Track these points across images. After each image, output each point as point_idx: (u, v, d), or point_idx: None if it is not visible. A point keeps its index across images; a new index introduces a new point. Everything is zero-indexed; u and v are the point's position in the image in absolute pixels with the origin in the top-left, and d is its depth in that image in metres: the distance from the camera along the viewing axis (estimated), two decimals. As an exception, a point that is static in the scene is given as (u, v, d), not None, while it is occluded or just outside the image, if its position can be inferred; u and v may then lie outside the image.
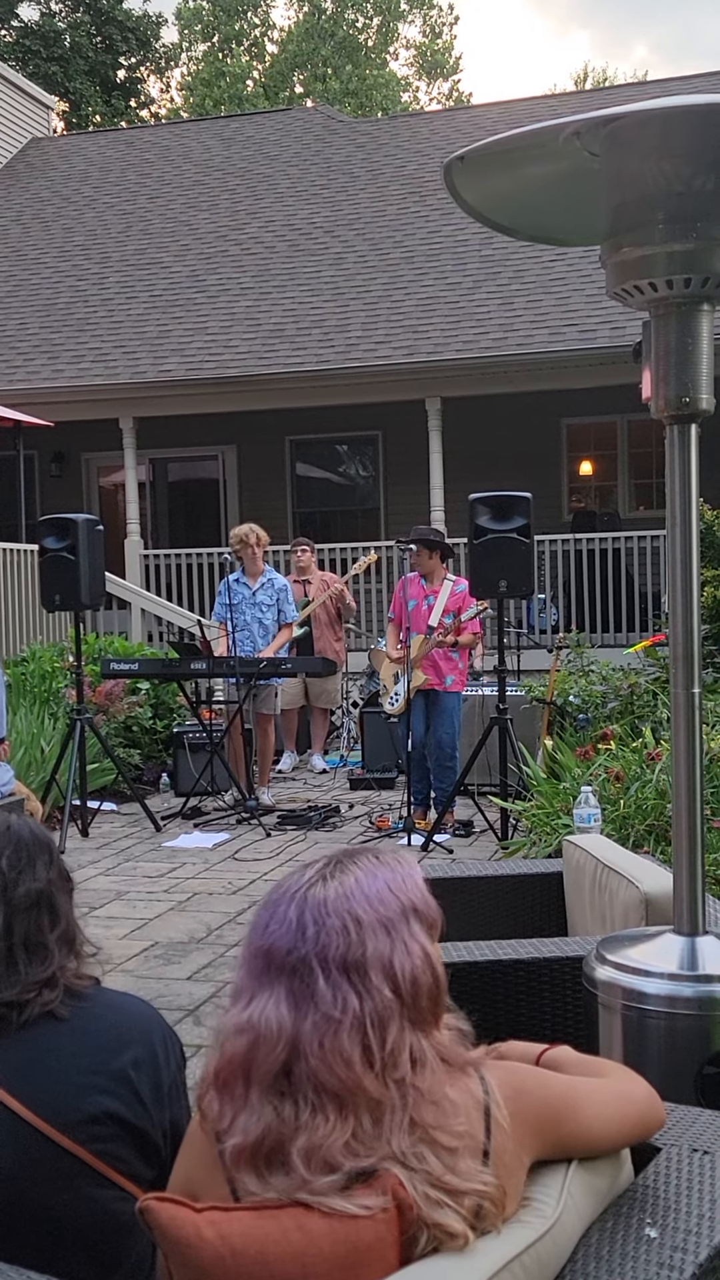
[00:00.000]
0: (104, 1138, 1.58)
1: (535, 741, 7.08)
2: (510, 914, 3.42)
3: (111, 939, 5.07)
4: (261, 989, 1.34)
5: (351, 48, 32.10)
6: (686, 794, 2.34)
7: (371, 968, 1.33)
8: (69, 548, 7.20)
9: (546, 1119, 1.42)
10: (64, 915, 1.71)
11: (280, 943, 1.34)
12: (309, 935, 1.33)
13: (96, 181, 16.31)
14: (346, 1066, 1.29)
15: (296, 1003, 1.31)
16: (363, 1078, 1.29)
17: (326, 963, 1.32)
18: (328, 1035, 1.30)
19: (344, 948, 1.33)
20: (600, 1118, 1.47)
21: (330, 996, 1.31)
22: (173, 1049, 1.72)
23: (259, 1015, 1.32)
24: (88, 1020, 1.65)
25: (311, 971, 1.32)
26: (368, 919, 1.35)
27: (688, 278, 2.23)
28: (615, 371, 10.15)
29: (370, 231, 13.46)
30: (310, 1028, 1.30)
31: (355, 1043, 1.30)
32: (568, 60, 61.07)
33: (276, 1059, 1.30)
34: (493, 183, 2.44)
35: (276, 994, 1.33)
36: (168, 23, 30.93)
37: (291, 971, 1.33)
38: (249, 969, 1.37)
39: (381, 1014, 1.32)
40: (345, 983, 1.32)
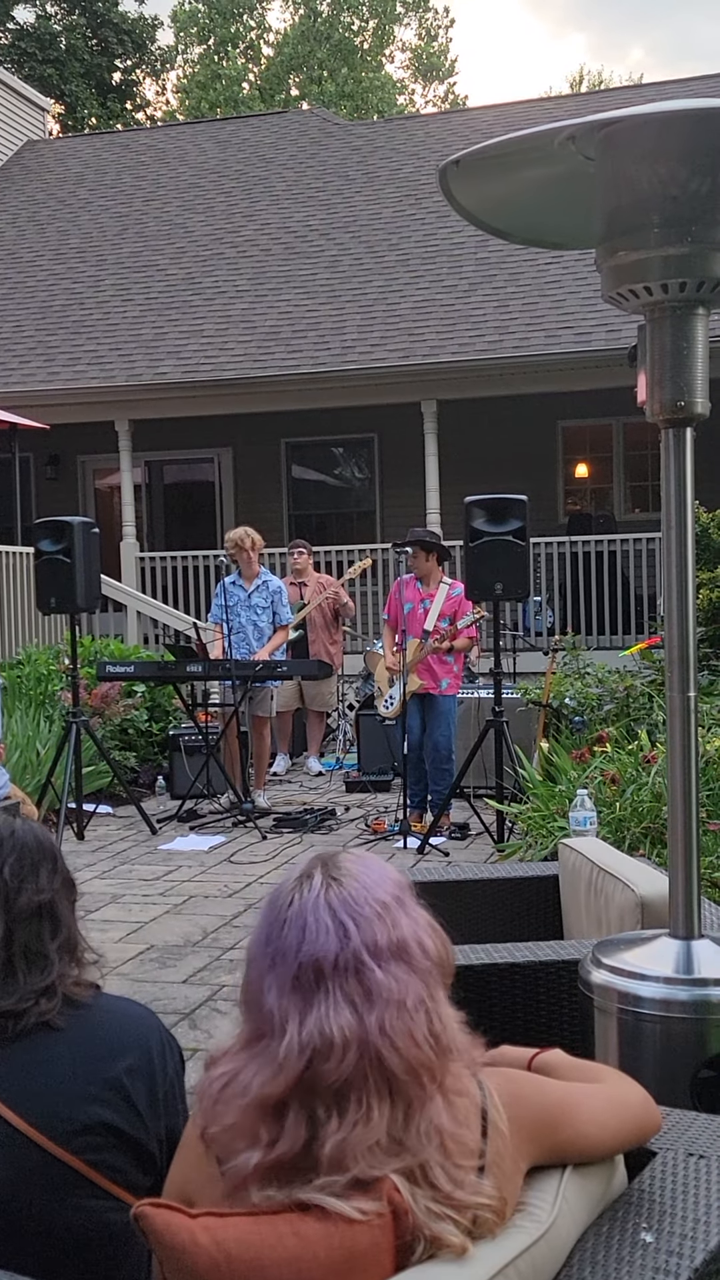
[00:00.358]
0: (99, 1147, 1.57)
1: (531, 744, 7.08)
2: (506, 917, 3.42)
3: (107, 942, 5.06)
4: (311, 1005, 1.31)
5: (347, 50, 32.13)
6: (682, 797, 2.34)
7: (410, 943, 1.36)
8: (64, 550, 7.19)
9: (543, 1125, 1.42)
10: (65, 924, 1.69)
11: (327, 949, 1.33)
12: (352, 932, 1.34)
13: (92, 184, 16.31)
14: (416, 1046, 1.31)
15: (356, 1003, 1.31)
16: (428, 1052, 1.32)
17: (377, 952, 1.34)
18: (396, 1021, 1.31)
19: (386, 933, 1.35)
20: (596, 1123, 1.47)
21: (390, 984, 1.33)
22: (170, 1055, 1.71)
23: (323, 1028, 1.30)
24: (83, 1029, 1.63)
25: (365, 966, 1.33)
26: (390, 900, 1.38)
27: (683, 281, 2.23)
28: (611, 374, 10.16)
29: (366, 234, 13.47)
30: (375, 1021, 1.31)
31: (421, 1021, 1.33)
32: (564, 63, 61.24)
33: (346, 1067, 1.29)
34: (488, 187, 2.44)
35: (332, 1002, 1.31)
36: (163, 25, 30.90)
37: (344, 973, 1.32)
38: (293, 988, 1.33)
39: (430, 985, 1.36)
40: (395, 965, 1.34)
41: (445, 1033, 1.35)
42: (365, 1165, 1.27)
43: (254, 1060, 1.33)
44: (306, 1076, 1.29)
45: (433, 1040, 1.33)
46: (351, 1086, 1.29)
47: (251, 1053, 1.33)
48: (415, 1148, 1.30)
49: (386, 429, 12.77)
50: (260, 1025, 1.34)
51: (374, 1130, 1.28)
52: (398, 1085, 1.30)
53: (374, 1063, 1.29)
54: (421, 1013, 1.33)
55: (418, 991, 1.34)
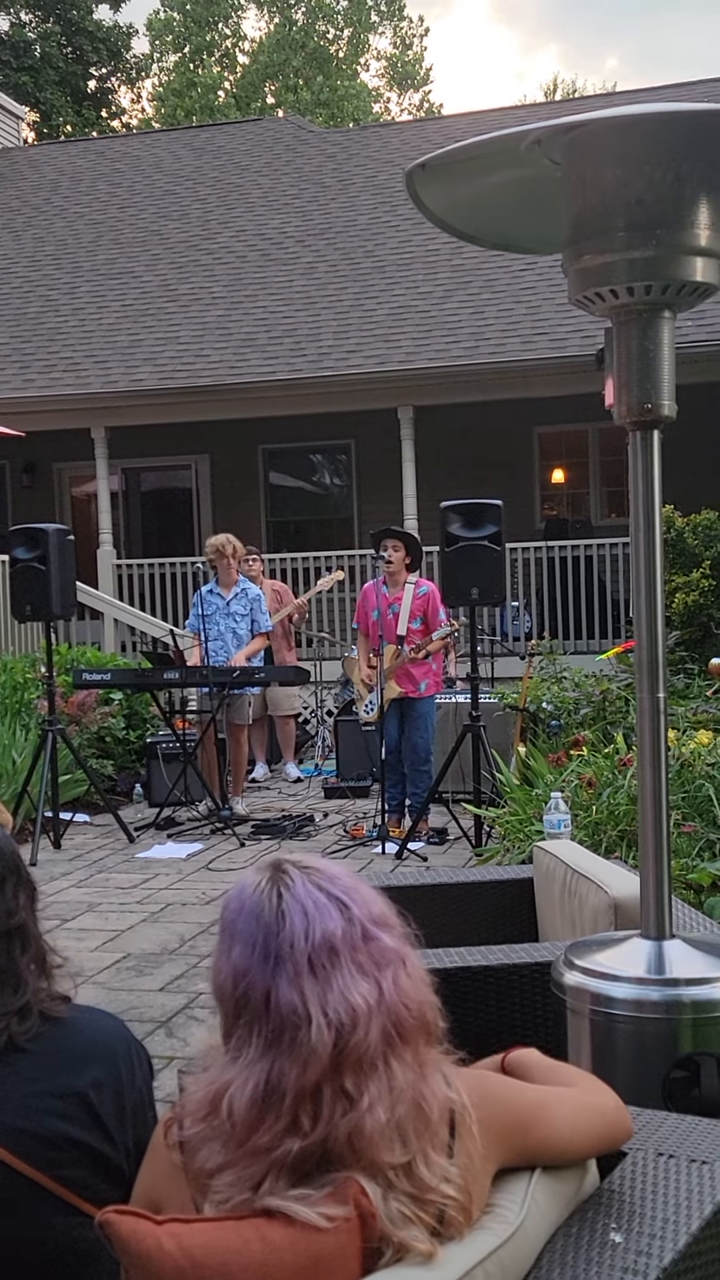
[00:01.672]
0: (65, 1163, 1.55)
1: (509, 748, 7.09)
2: (482, 920, 3.42)
3: (83, 951, 5.04)
4: (330, 983, 1.33)
5: (322, 59, 32.19)
6: (652, 798, 2.35)
7: (389, 915, 1.42)
8: (39, 558, 7.17)
9: (513, 1127, 1.42)
10: (34, 937, 1.66)
11: (334, 926, 1.36)
12: (351, 905, 1.38)
13: (67, 191, 16.28)
14: (421, 1000, 1.37)
15: (368, 970, 1.35)
16: (429, 1009, 1.38)
17: (374, 919, 1.38)
18: (405, 979, 1.37)
19: (374, 904, 1.41)
20: (568, 1127, 1.47)
21: (392, 946, 1.38)
22: (139, 1065, 1.69)
23: (349, 1001, 1.31)
24: (49, 1043, 1.61)
25: (369, 934, 1.37)
26: (360, 880, 1.44)
27: (648, 284, 2.24)
28: (586, 380, 10.15)
29: (341, 241, 13.49)
30: (390, 981, 1.35)
31: (418, 977, 1.39)
32: (538, 72, 61.57)
33: (373, 1035, 1.31)
34: (456, 190, 2.45)
35: (348, 974, 1.33)
36: (139, 33, 30.91)
37: (353, 945, 1.35)
38: (309, 974, 1.33)
39: (414, 956, 1.42)
40: (387, 931, 1.39)
41: (434, 1002, 1.41)
42: (387, 1148, 1.29)
43: (283, 1060, 1.31)
44: (336, 1055, 1.30)
45: (430, 999, 1.39)
46: (373, 1052, 1.32)
47: (276, 1053, 1.32)
48: (417, 1130, 1.32)
49: (363, 435, 12.78)
50: (278, 1025, 1.32)
51: (399, 1095, 1.31)
52: (410, 1040, 1.35)
53: (393, 1021, 1.34)
54: (418, 970, 1.40)
55: (408, 952, 1.40)
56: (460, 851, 6.68)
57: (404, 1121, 1.31)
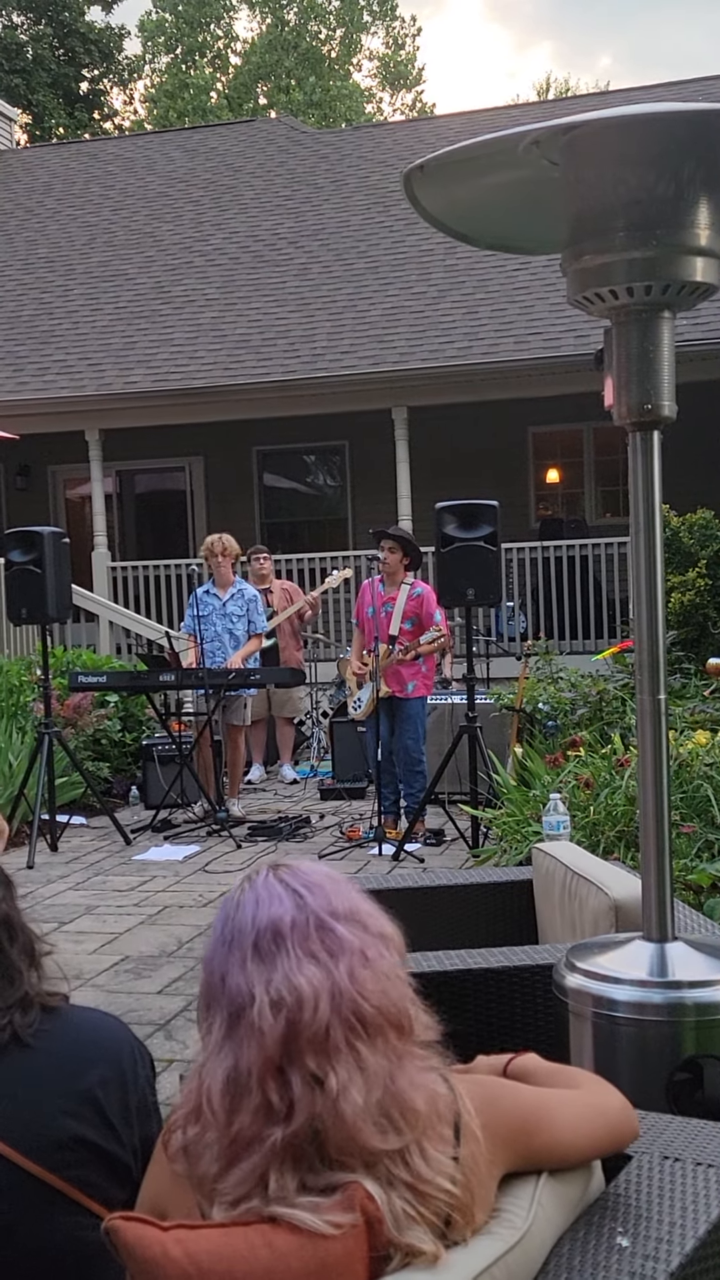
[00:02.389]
0: (74, 1163, 1.54)
1: (505, 749, 7.08)
2: (481, 923, 3.42)
3: (81, 954, 5.03)
4: (275, 966, 1.33)
5: (315, 59, 32.19)
6: (653, 799, 2.34)
7: (362, 912, 1.39)
8: (34, 560, 7.16)
9: (518, 1131, 1.41)
10: (19, 927, 1.65)
11: (283, 913, 1.35)
12: (307, 898, 1.37)
13: (60, 194, 16.26)
14: (383, 994, 1.33)
15: (319, 957, 1.33)
16: (397, 1004, 1.34)
17: (336, 915, 1.36)
18: (362, 970, 1.33)
19: (340, 900, 1.38)
20: (572, 1129, 1.47)
21: (351, 939, 1.35)
22: (142, 1065, 1.68)
23: (291, 982, 1.31)
24: (53, 1041, 1.60)
25: (324, 924, 1.35)
26: (339, 877, 1.42)
27: (648, 285, 2.24)
28: (580, 379, 10.20)
29: (335, 242, 13.49)
30: (344, 970, 1.32)
31: (381, 972, 1.35)
32: (532, 71, 61.57)
33: (322, 1017, 1.30)
34: (453, 192, 2.44)
35: (294, 959, 1.33)
36: (131, 35, 30.89)
37: (304, 932, 1.34)
38: (254, 958, 1.34)
39: (384, 952, 1.38)
40: (354, 926, 1.37)
41: (407, 999, 1.37)
42: (374, 1134, 1.27)
43: (243, 1044, 1.31)
44: (288, 1035, 1.29)
45: (397, 997, 1.35)
46: (334, 1035, 1.30)
47: (236, 1039, 1.32)
48: (404, 1120, 1.30)
49: (357, 436, 12.78)
50: (234, 1008, 1.33)
51: (374, 1079, 1.29)
52: (376, 1031, 1.32)
53: (351, 1010, 1.31)
54: (383, 966, 1.35)
55: (376, 948, 1.36)
56: (457, 853, 6.68)
57: (386, 1108, 1.29)
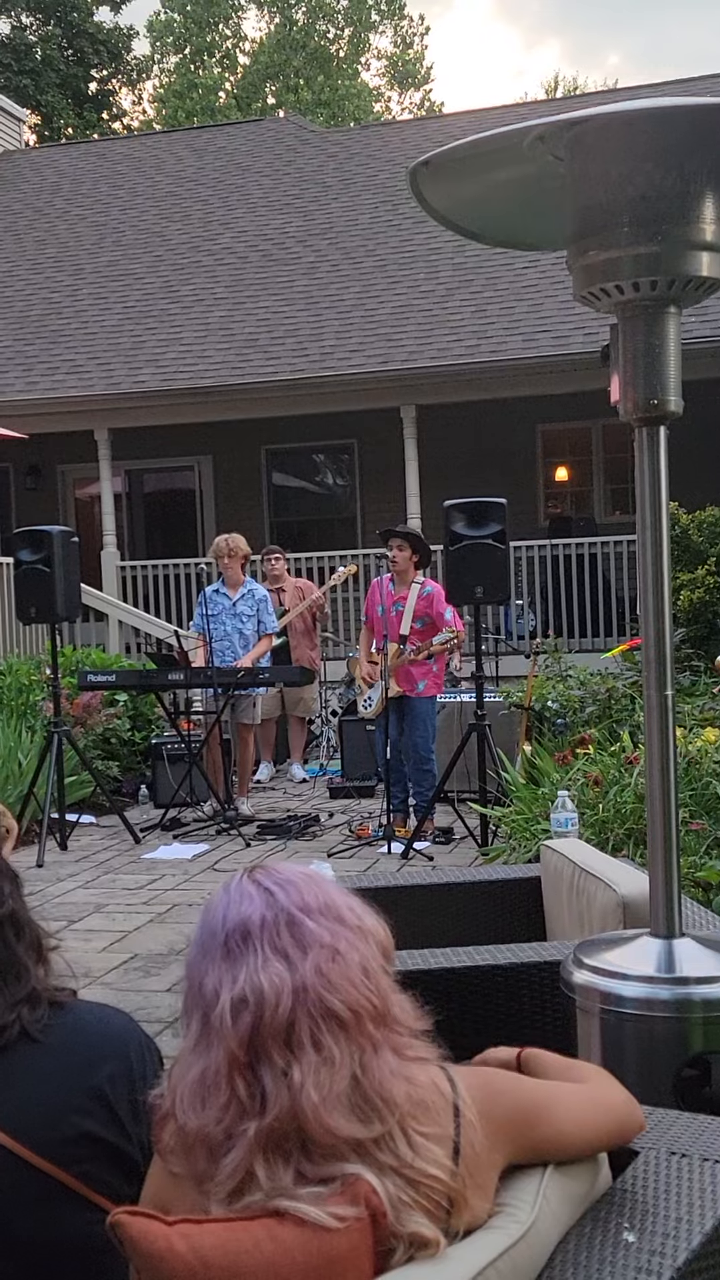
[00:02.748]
0: (84, 1159, 1.54)
1: (514, 747, 7.07)
2: (489, 920, 3.41)
3: (90, 952, 5.04)
4: (240, 965, 1.33)
5: (323, 58, 32.19)
6: (661, 796, 2.34)
7: (340, 907, 1.39)
8: (44, 560, 7.17)
9: (519, 1121, 1.41)
10: (26, 923, 1.65)
11: (252, 911, 1.36)
12: (278, 895, 1.37)
13: (69, 194, 16.29)
14: (353, 987, 1.33)
15: (288, 953, 1.33)
16: (370, 996, 1.33)
17: (305, 908, 1.36)
18: (330, 965, 1.33)
19: (314, 895, 1.38)
20: (575, 1121, 1.47)
21: (322, 933, 1.35)
22: (150, 1062, 1.68)
23: (253, 982, 1.31)
24: (62, 1037, 1.60)
25: (294, 919, 1.35)
26: (315, 874, 1.43)
27: (654, 280, 2.23)
28: (589, 377, 10.16)
29: (343, 241, 13.49)
30: (311, 965, 1.32)
31: (355, 964, 1.34)
32: (540, 69, 61.48)
33: (283, 1012, 1.30)
34: (459, 188, 2.44)
35: (260, 959, 1.33)
36: (139, 35, 30.94)
37: (273, 929, 1.35)
38: (223, 958, 1.35)
39: (365, 943, 1.38)
40: (327, 920, 1.37)
41: (385, 994, 1.37)
42: (346, 1124, 1.27)
43: (211, 1046, 1.33)
44: (253, 1034, 1.30)
45: (372, 988, 1.35)
46: (299, 1029, 1.30)
47: (207, 1041, 1.33)
48: (381, 1108, 1.30)
49: (366, 435, 12.78)
50: (204, 1010, 1.35)
51: (340, 1071, 1.29)
52: (345, 1023, 1.31)
53: (316, 1005, 1.31)
54: (356, 958, 1.35)
55: (351, 941, 1.36)
56: (466, 851, 6.67)
57: (364, 1096, 1.29)
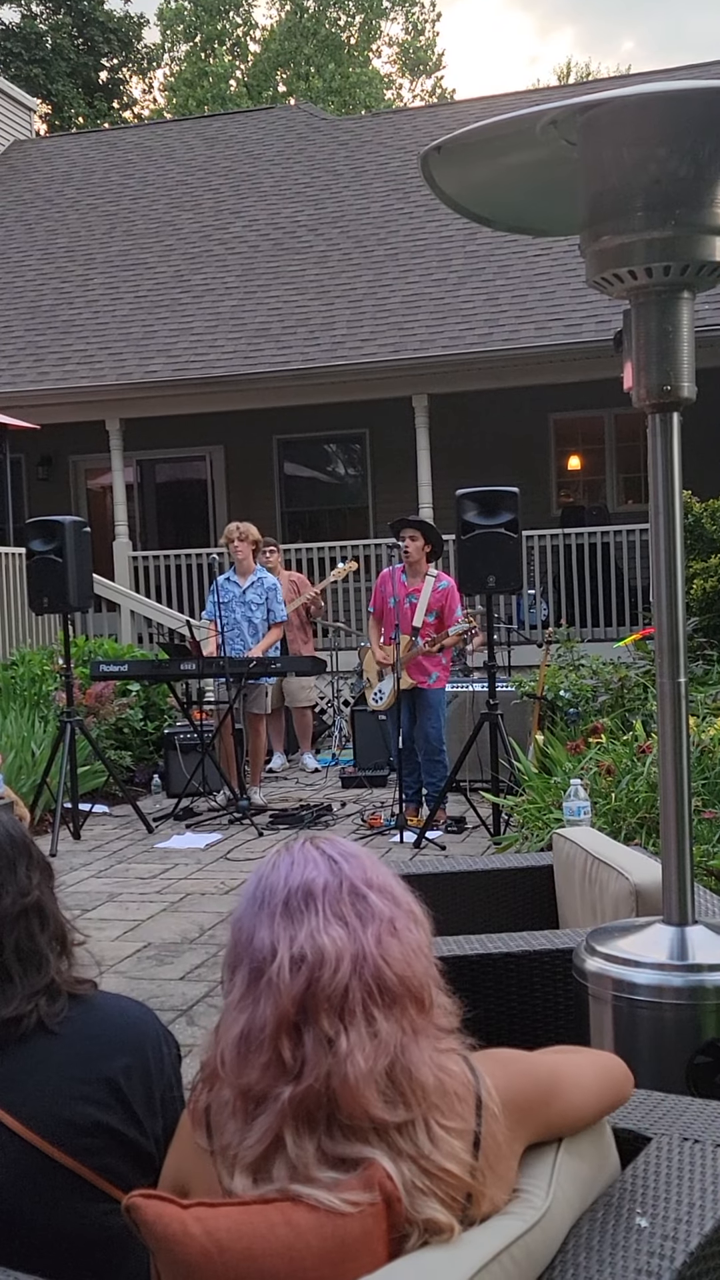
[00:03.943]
0: (97, 1150, 1.55)
1: (526, 737, 7.08)
2: (502, 908, 3.42)
3: (104, 940, 5.06)
4: (300, 924, 1.34)
5: (334, 46, 32.08)
6: (673, 783, 2.33)
7: (396, 890, 1.40)
8: (56, 550, 7.19)
9: (536, 1100, 1.42)
10: (51, 914, 1.66)
11: (317, 876, 1.37)
12: (343, 866, 1.38)
13: (80, 183, 16.28)
14: (408, 965, 1.34)
15: (348, 920, 1.34)
16: (421, 976, 1.35)
17: (370, 884, 1.37)
18: (389, 939, 1.34)
19: (375, 873, 1.40)
20: (580, 1088, 1.48)
21: (383, 908, 1.36)
22: (168, 1055, 1.68)
23: (315, 941, 1.32)
24: (79, 1028, 1.61)
25: (357, 891, 1.36)
26: (374, 856, 1.43)
27: (667, 265, 2.22)
28: (602, 365, 10.15)
29: (354, 229, 13.45)
30: (372, 935, 1.33)
31: (410, 944, 1.36)
32: (553, 56, 61.15)
33: (341, 978, 1.30)
34: (470, 173, 2.43)
35: (321, 920, 1.33)
36: (149, 23, 30.86)
37: (336, 895, 1.35)
38: (283, 915, 1.35)
39: (414, 929, 1.39)
40: (386, 898, 1.38)
41: (430, 976, 1.37)
42: (379, 1102, 1.27)
43: (260, 999, 1.33)
44: (307, 994, 1.30)
45: (422, 972, 1.36)
46: (352, 998, 1.30)
47: (255, 995, 1.33)
48: (412, 1093, 1.30)
49: (378, 424, 12.76)
50: (256, 963, 1.34)
51: (385, 1048, 1.29)
52: (396, 1000, 1.32)
53: (374, 975, 1.32)
54: (412, 940, 1.36)
55: (406, 922, 1.37)
56: (479, 840, 6.68)
57: (394, 1078, 1.30)
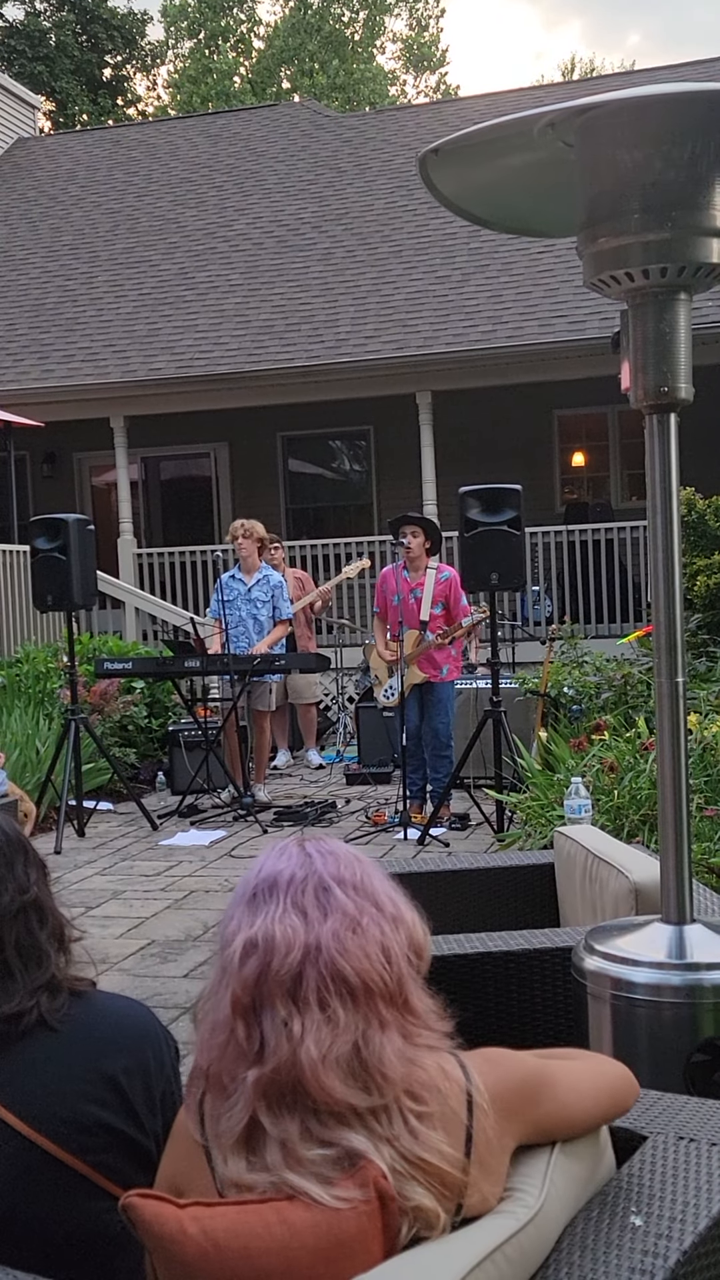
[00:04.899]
0: (98, 1148, 1.56)
1: (530, 734, 7.08)
2: (503, 906, 3.43)
3: (108, 938, 5.08)
4: (260, 912, 1.35)
5: (338, 42, 32.03)
6: (672, 781, 2.34)
7: (378, 893, 1.40)
8: (60, 548, 7.20)
9: (523, 1098, 1.42)
10: (49, 911, 1.67)
11: (285, 867, 1.38)
12: (316, 861, 1.39)
13: (84, 180, 16.28)
14: (368, 961, 1.34)
15: (307, 912, 1.35)
16: (383, 974, 1.34)
17: (341, 881, 1.38)
18: (348, 935, 1.34)
19: (350, 872, 1.39)
20: (575, 1092, 1.48)
21: (348, 904, 1.36)
22: (168, 1054, 1.69)
23: (267, 930, 1.33)
24: (80, 1027, 1.62)
25: (327, 887, 1.37)
26: (367, 861, 1.43)
27: (664, 267, 2.22)
28: (605, 362, 10.11)
29: (358, 226, 13.45)
30: (329, 930, 1.34)
31: (374, 940, 1.35)
32: (559, 50, 60.96)
33: (291, 962, 1.32)
34: (469, 175, 2.44)
35: (280, 910, 1.35)
36: (153, 20, 30.91)
37: (300, 887, 1.36)
38: (248, 905, 1.37)
39: (386, 929, 1.38)
40: (358, 896, 1.37)
41: (403, 980, 1.37)
42: (343, 1087, 1.28)
43: (224, 983, 1.36)
44: (259, 979, 1.33)
45: (389, 970, 1.35)
46: (305, 984, 1.32)
47: (223, 979, 1.37)
48: (378, 1081, 1.30)
49: (382, 421, 12.76)
50: (224, 955, 1.38)
51: (342, 1035, 1.30)
52: (354, 992, 1.33)
53: (328, 965, 1.32)
54: (377, 936, 1.36)
55: (376, 920, 1.37)
56: (482, 837, 6.69)
57: (360, 1066, 1.31)
